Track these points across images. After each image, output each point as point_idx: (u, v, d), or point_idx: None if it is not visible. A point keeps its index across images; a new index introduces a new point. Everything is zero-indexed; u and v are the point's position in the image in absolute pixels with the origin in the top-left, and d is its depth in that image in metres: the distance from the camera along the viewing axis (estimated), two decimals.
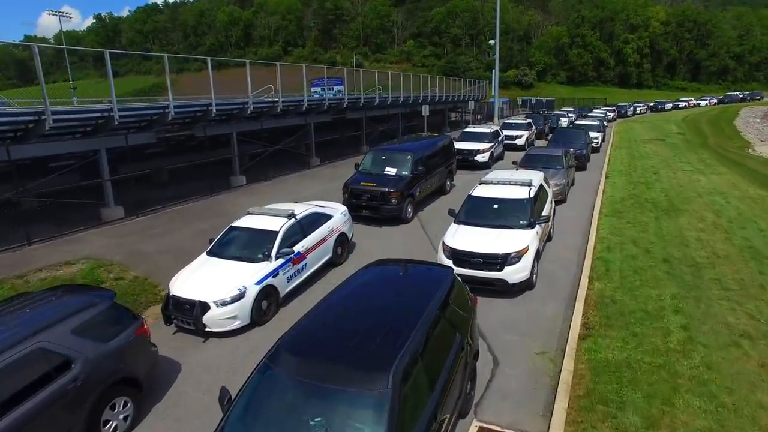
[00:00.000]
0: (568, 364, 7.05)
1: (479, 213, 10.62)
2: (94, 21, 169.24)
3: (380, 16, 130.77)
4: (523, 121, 30.88)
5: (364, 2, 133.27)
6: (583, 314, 8.41)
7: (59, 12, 63.44)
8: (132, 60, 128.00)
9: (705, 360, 6.75)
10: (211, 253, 9.60)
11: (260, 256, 9.22)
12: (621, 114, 61.12)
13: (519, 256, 9.25)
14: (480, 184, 11.63)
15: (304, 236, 10.23)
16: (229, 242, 9.87)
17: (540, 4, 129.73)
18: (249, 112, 18.33)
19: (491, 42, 51.63)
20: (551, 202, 12.42)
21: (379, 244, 12.83)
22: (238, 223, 10.22)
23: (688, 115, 59.08)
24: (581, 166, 20.59)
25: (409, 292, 5.94)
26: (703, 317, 8.00)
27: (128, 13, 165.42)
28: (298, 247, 9.90)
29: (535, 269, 9.70)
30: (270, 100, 20.17)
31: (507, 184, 11.30)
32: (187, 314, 8.35)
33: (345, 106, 24.92)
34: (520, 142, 28.70)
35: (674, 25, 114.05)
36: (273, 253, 9.25)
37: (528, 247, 9.41)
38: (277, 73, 19.87)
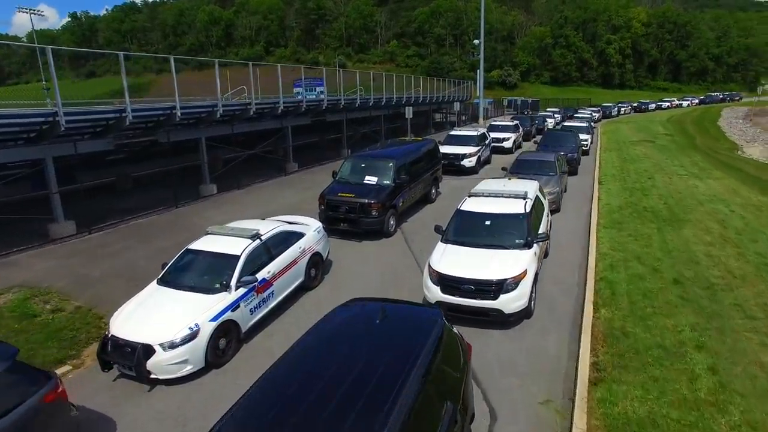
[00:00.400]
0: (580, 420, 5.89)
1: (469, 230, 9.45)
2: (69, 20, 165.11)
3: (363, 16, 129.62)
4: (510, 123, 29.90)
5: (347, 2, 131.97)
6: (591, 351, 7.28)
7: (30, 10, 61.06)
8: (109, 60, 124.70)
9: (747, 417, 5.64)
10: (162, 282, 8.27)
11: (218, 285, 7.92)
12: (606, 114, 60.75)
13: (516, 282, 8.10)
14: (469, 196, 10.45)
15: (271, 259, 8.95)
16: (183, 268, 8.54)
17: (523, 5, 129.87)
18: (219, 115, 16.95)
19: (476, 42, 50.86)
20: (548, 216, 11.33)
21: (359, 261, 11.60)
22: (194, 246, 8.88)
23: (672, 115, 58.97)
24: (572, 171, 19.59)
25: (387, 349, 4.70)
26: (731, 355, 6.92)
27: (106, 12, 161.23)
28: (264, 273, 8.62)
29: (534, 294, 8.56)
30: (242, 102, 18.80)
31: (500, 196, 10.14)
32: (128, 359, 7.02)
33: (324, 107, 23.64)
34: (507, 144, 27.72)
35: (655, 26, 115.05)
36: (233, 282, 7.96)
37: (526, 271, 8.26)
38: (250, 74, 18.52)
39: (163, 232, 13.50)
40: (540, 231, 9.73)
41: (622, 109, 68.18)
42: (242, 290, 8.06)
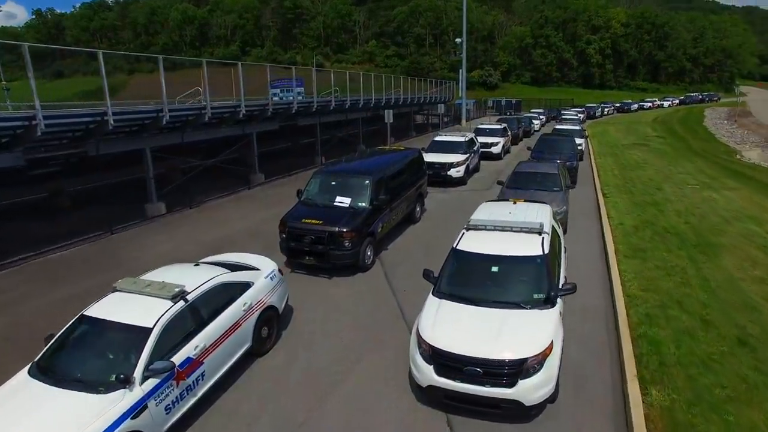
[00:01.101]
0: None
1: (471, 280, 7.13)
2: (33, 17, 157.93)
3: (341, 15, 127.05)
4: (498, 126, 27.77)
5: (325, 1, 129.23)
6: None
7: None
8: (78, 59, 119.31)
9: None
10: (35, 372, 5.74)
11: (113, 379, 5.44)
12: (590, 115, 59.49)
13: (540, 361, 5.80)
14: (467, 229, 8.08)
15: (202, 326, 6.49)
16: (71, 348, 6.04)
17: (503, 4, 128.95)
18: (165, 122, 14.34)
19: (458, 40, 48.89)
20: (565, 250, 9.10)
21: (327, 308, 9.19)
22: (92, 311, 6.34)
23: (657, 116, 57.94)
24: (572, 181, 17.51)
25: None
26: None
27: (74, 10, 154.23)
28: (190, 349, 6.17)
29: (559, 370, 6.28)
30: (195, 106, 16.22)
31: (508, 229, 7.81)
32: None
33: (294, 111, 21.14)
34: (495, 150, 25.60)
35: (634, 27, 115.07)
36: (136, 374, 5.48)
37: (552, 343, 5.97)
38: (203, 74, 15.94)
39: (84, 270, 10.87)
40: (561, 277, 7.47)
41: (606, 109, 67.18)
42: (153, 382, 5.60)
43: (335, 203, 11.06)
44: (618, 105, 74.41)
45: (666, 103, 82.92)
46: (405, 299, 9.45)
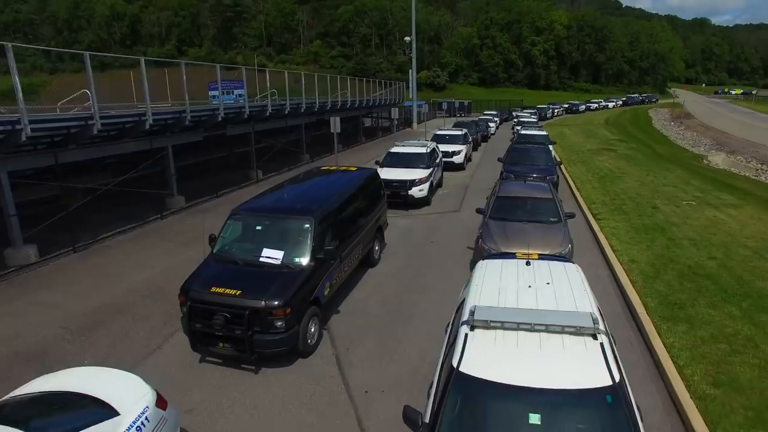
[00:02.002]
0: None
1: None
2: None
3: (284, 14, 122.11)
4: (459, 132, 24.95)
5: None
6: None
7: None
8: None
9: None
10: None
11: None
12: (542, 116, 58.47)
13: None
14: (471, 328, 4.82)
15: None
16: None
17: (448, 4, 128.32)
18: (24, 138, 10.35)
19: (407, 39, 46.22)
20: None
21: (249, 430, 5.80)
22: None
23: (608, 117, 57.76)
24: None
25: None
26: None
27: None
28: None
29: None
30: (75, 116, 12.23)
31: (540, 329, 4.65)
32: None
33: (220, 119, 17.39)
34: (458, 159, 22.81)
35: (575, 29, 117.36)
36: None
37: None
38: (87, 76, 11.95)
39: None
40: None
41: (555, 110, 66.77)
42: None
43: (261, 259, 7.61)
44: (566, 106, 74.49)
45: (611, 104, 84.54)
46: (367, 407, 6.23)
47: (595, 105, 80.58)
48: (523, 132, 25.88)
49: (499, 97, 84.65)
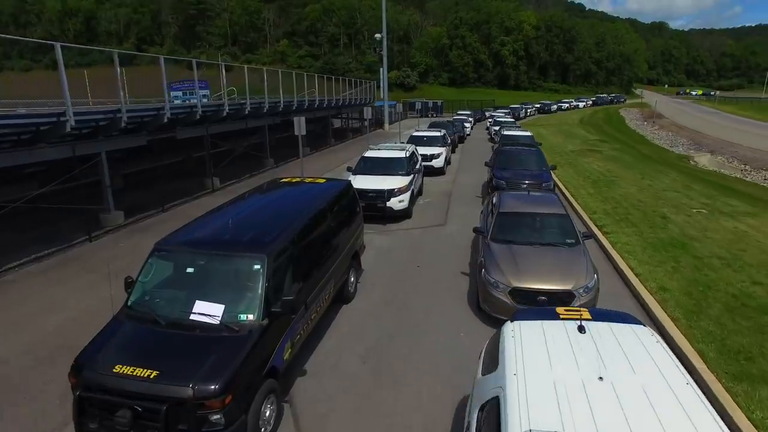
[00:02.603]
0: None
1: None
2: None
3: (249, 12, 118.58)
4: (437, 133, 23.02)
5: None
6: None
7: None
8: None
9: None
10: None
11: None
12: (515, 116, 57.37)
13: None
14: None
15: None
16: None
17: (417, 4, 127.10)
18: None
19: (377, 36, 44.29)
20: None
21: None
22: None
23: (582, 117, 57.16)
24: None
25: None
26: None
27: None
28: None
29: None
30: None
31: None
32: None
33: (167, 120, 14.89)
34: (438, 163, 20.85)
35: (544, 30, 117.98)
36: None
37: None
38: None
39: None
40: None
41: (528, 110, 65.98)
42: None
43: (193, 317, 5.36)
44: (538, 106, 73.97)
45: (581, 104, 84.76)
46: None
47: (567, 105, 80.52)
48: (505, 132, 24.12)
49: (469, 97, 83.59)
